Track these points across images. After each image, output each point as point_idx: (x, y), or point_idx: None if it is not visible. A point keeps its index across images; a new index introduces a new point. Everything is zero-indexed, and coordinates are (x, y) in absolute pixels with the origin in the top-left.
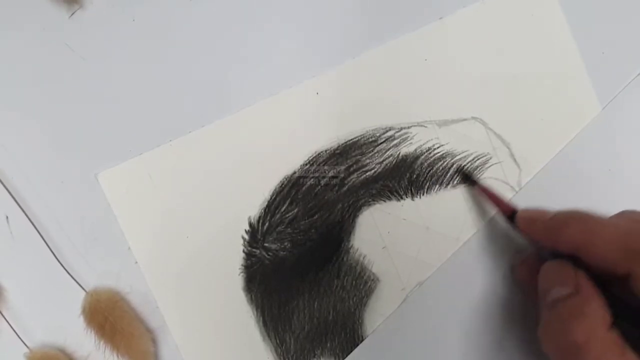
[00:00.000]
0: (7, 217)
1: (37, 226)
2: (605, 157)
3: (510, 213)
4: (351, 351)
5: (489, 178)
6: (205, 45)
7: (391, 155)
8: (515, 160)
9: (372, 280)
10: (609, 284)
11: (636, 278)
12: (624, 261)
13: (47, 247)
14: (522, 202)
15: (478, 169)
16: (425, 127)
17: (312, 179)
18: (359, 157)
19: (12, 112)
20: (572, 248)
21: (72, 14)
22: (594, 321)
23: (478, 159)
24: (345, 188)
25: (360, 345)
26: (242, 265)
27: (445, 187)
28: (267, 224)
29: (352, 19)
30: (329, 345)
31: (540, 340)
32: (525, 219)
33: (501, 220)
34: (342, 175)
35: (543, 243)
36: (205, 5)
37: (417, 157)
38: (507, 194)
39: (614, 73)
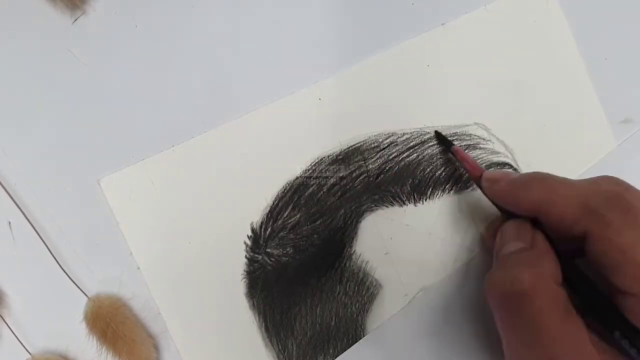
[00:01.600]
0: (9, 223)
1: (39, 232)
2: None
3: (480, 176)
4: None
5: None
6: (207, 50)
7: (394, 160)
8: (518, 165)
9: (375, 286)
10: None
11: (591, 237)
12: (580, 220)
13: (49, 252)
14: None
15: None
16: (428, 132)
17: (315, 185)
18: (361, 162)
19: (14, 117)
20: (533, 208)
21: (75, 20)
22: (544, 272)
23: (482, 163)
24: (347, 194)
25: (362, 347)
26: (244, 271)
27: (448, 192)
28: (269, 230)
29: (354, 24)
30: (331, 351)
31: (485, 290)
32: (489, 179)
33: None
34: (344, 180)
35: (506, 204)
36: (207, 11)
37: (420, 163)
38: None
39: (616, 79)
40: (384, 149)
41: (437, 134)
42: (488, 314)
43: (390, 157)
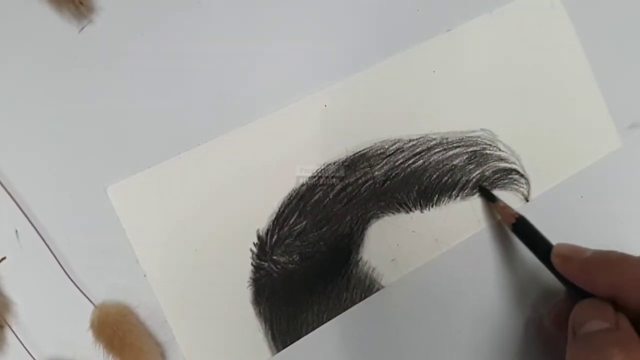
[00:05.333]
0: (16, 231)
1: (46, 240)
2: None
3: (515, 221)
4: None
5: (499, 190)
6: (214, 58)
7: (400, 167)
8: (525, 172)
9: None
10: None
11: None
12: None
13: (56, 260)
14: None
15: (489, 180)
16: (434, 138)
17: (321, 191)
18: (367, 169)
19: (21, 126)
20: (609, 290)
21: (82, 29)
22: (635, 356)
23: (489, 170)
24: (353, 200)
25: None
26: (250, 278)
27: (454, 199)
28: (275, 237)
29: (360, 31)
30: None
31: None
32: (560, 256)
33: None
34: (350, 187)
35: (578, 283)
36: (214, 19)
37: (426, 169)
38: (517, 206)
39: (623, 84)
40: (390, 155)
41: (482, 189)
42: (494, 320)
43: (397, 164)
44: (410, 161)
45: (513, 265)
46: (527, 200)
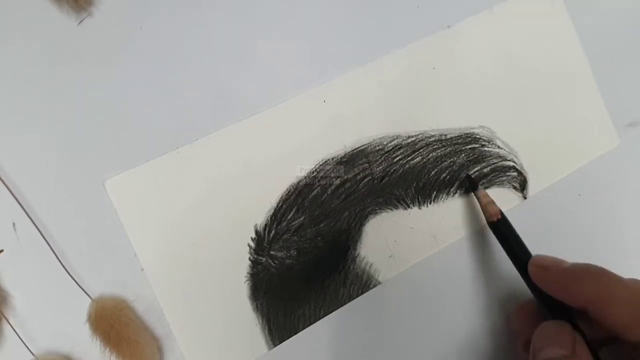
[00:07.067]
0: (14, 224)
1: (43, 233)
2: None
3: (496, 219)
4: None
5: (497, 187)
6: (212, 52)
7: (398, 163)
8: (523, 169)
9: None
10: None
11: None
12: (636, 328)
13: (53, 254)
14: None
15: (487, 177)
16: (433, 135)
17: (319, 187)
18: (366, 165)
19: (19, 119)
20: (583, 303)
21: (81, 21)
22: None
23: (487, 167)
24: (352, 196)
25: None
26: (248, 273)
27: (453, 195)
28: (273, 232)
29: (359, 27)
30: None
31: None
32: (538, 266)
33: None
34: (348, 183)
35: (553, 294)
36: (213, 13)
37: (424, 166)
38: (515, 203)
39: (622, 82)
40: (388, 151)
41: (468, 178)
42: (492, 320)
43: (395, 160)
44: (409, 158)
45: (510, 262)
46: (525, 198)
